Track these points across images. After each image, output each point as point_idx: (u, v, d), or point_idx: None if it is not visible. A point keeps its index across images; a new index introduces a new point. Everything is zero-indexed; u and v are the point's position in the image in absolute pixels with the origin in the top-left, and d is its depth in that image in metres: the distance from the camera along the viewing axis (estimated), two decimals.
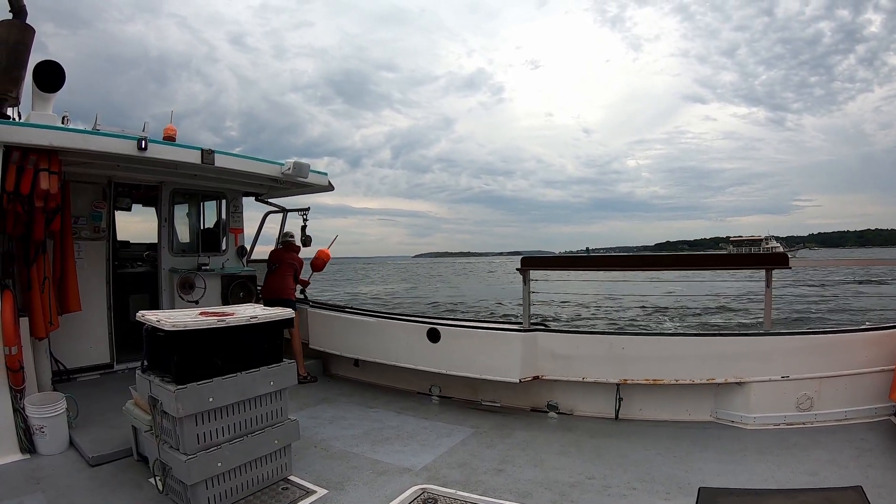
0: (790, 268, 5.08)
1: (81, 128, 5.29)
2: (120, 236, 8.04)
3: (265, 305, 7.32)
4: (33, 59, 5.20)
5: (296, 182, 6.97)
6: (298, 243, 7.90)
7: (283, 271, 7.45)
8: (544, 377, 5.32)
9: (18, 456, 4.13)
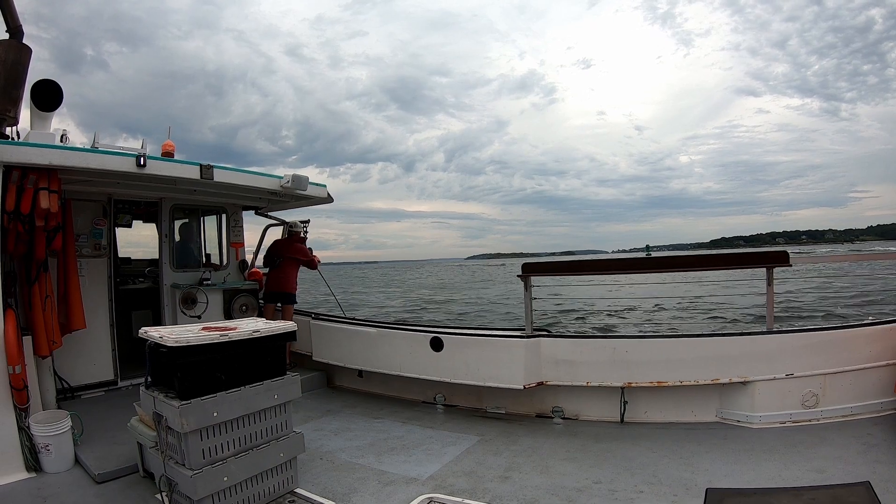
0: (790, 265, 5.09)
1: (80, 146, 5.32)
2: (131, 252, 8.12)
3: (267, 300, 7.57)
4: (32, 78, 5.26)
5: (295, 195, 7.02)
6: (303, 234, 8.17)
7: (287, 265, 7.71)
8: (548, 383, 5.31)
9: (24, 475, 4.12)
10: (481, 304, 30.44)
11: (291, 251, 7.83)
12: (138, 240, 8.37)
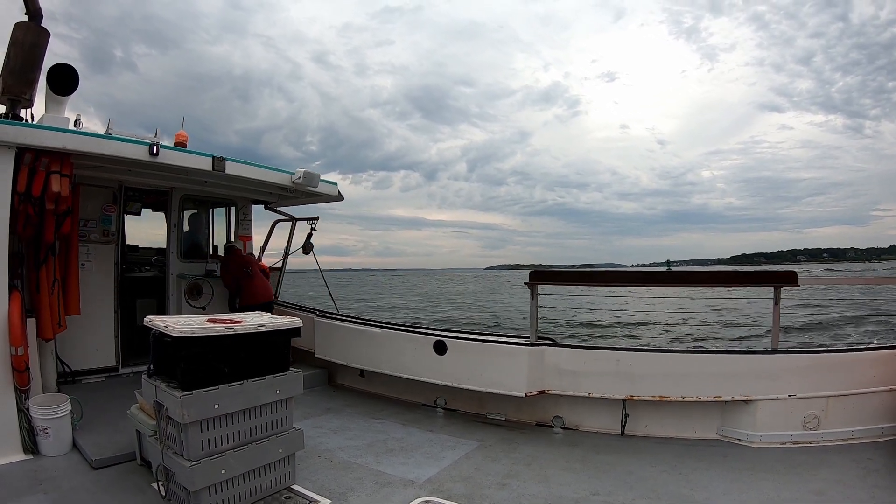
0: (798, 286, 5.07)
1: (94, 132, 5.33)
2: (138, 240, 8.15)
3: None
4: (48, 62, 5.27)
5: (305, 191, 7.01)
6: (312, 230, 8.20)
7: (260, 275, 7.58)
8: (550, 392, 5.29)
9: (21, 456, 4.14)
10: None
11: (253, 262, 7.74)
12: (146, 229, 8.39)
